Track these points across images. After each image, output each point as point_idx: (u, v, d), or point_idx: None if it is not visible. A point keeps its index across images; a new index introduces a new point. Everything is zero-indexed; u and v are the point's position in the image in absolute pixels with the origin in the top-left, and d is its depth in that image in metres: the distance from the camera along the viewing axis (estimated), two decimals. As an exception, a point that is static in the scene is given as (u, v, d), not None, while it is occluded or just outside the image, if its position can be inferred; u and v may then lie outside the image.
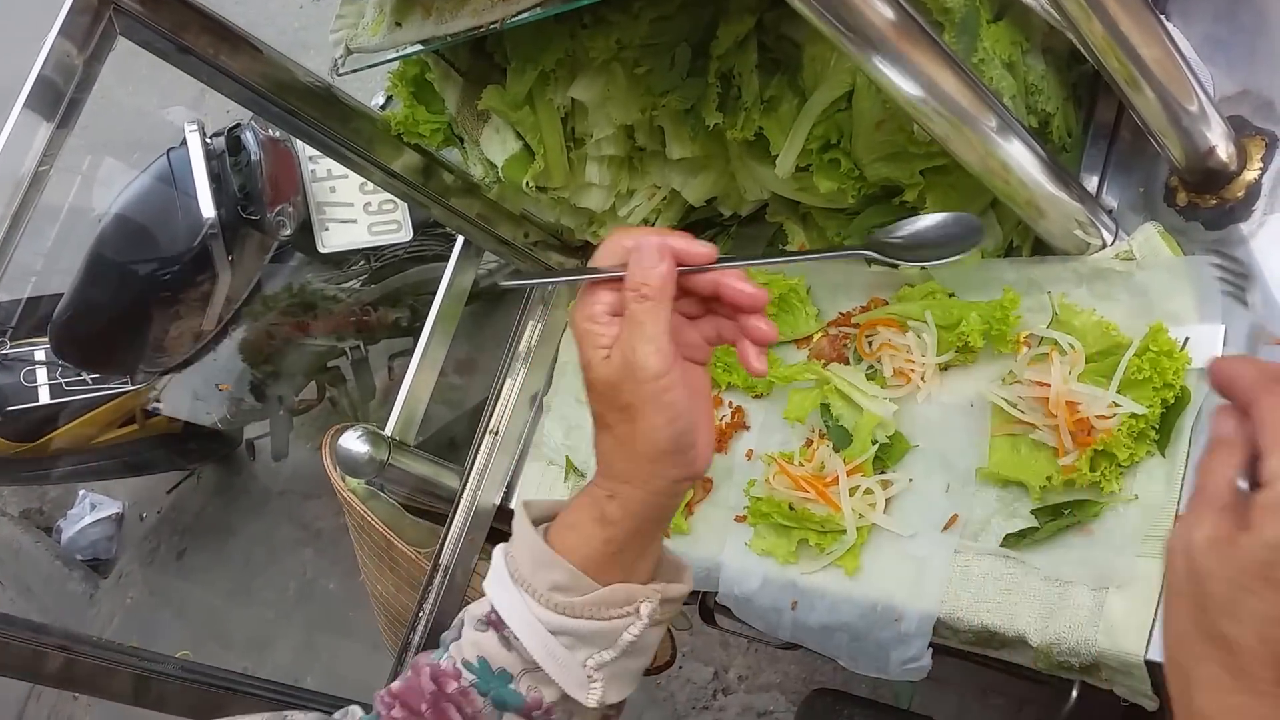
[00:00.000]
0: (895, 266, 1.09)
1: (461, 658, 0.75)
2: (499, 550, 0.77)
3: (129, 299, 2.59)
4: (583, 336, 0.72)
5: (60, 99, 0.92)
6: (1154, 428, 0.91)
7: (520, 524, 0.76)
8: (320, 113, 1.15)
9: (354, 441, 1.27)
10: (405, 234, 2.77)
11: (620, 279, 0.70)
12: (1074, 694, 0.98)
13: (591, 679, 0.72)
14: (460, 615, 0.79)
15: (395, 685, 0.78)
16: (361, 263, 3.05)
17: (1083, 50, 0.90)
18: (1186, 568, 0.55)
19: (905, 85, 0.81)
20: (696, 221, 1.40)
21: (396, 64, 1.24)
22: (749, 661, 2.61)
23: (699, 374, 0.76)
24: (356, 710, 0.80)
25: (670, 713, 2.69)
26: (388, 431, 1.37)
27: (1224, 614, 0.52)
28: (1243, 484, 0.54)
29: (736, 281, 0.72)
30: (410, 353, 1.45)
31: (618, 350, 0.70)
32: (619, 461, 0.72)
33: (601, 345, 0.71)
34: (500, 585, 0.74)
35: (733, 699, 2.63)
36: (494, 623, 0.74)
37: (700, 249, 0.71)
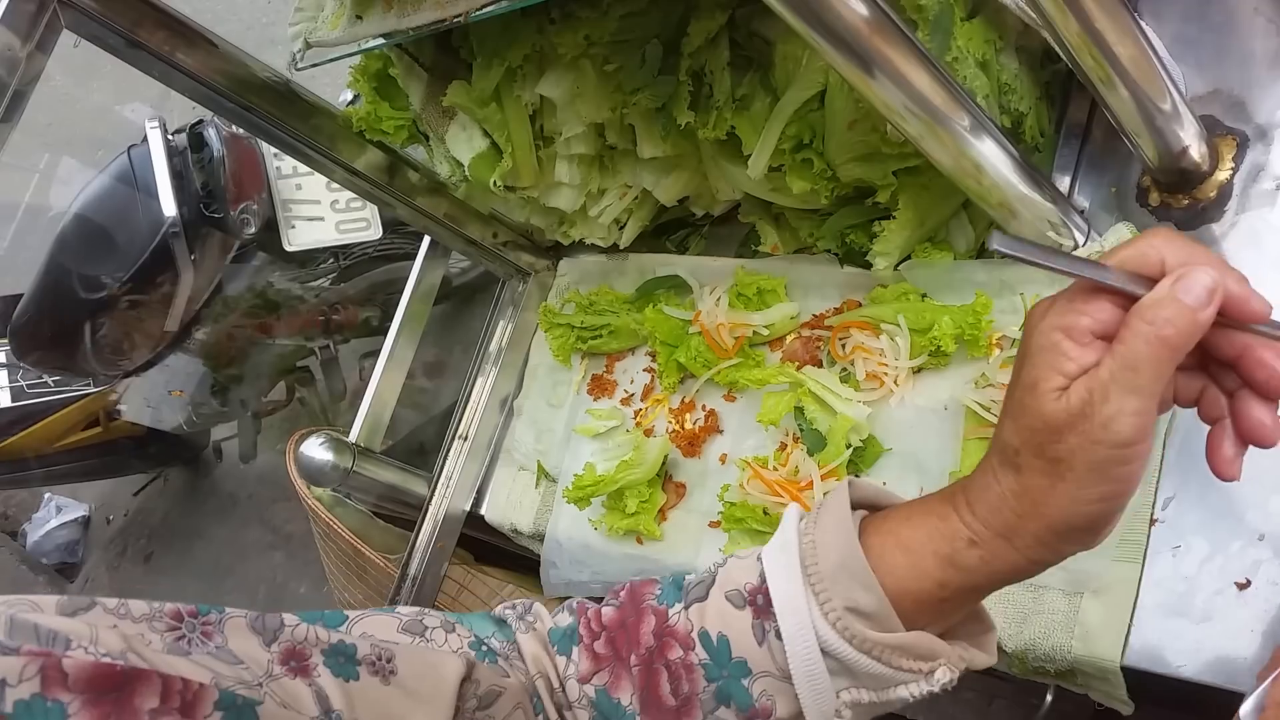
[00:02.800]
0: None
1: (701, 626, 0.64)
2: (793, 518, 0.64)
3: (90, 300, 2.53)
4: (1045, 349, 0.56)
5: (3, 92, 0.89)
6: (1128, 431, 0.90)
7: (839, 511, 0.62)
8: (279, 109, 1.12)
9: (317, 449, 1.24)
10: (374, 231, 2.73)
11: (1136, 297, 0.54)
12: (1048, 698, 0.98)
13: (839, 714, 0.61)
14: (713, 570, 0.67)
15: (606, 611, 0.68)
16: (330, 261, 3.01)
17: (1057, 49, 0.89)
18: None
19: (878, 84, 0.79)
20: (668, 221, 1.39)
21: (358, 59, 1.21)
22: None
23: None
24: (542, 613, 0.72)
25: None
26: (352, 437, 1.34)
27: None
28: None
29: (1273, 355, 0.55)
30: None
31: (1083, 387, 0.54)
32: (1009, 512, 0.57)
33: (1065, 371, 0.55)
34: (785, 571, 0.62)
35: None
36: (757, 606, 0.63)
37: (1258, 305, 0.55)
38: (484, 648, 0.67)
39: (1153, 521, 0.89)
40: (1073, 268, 0.55)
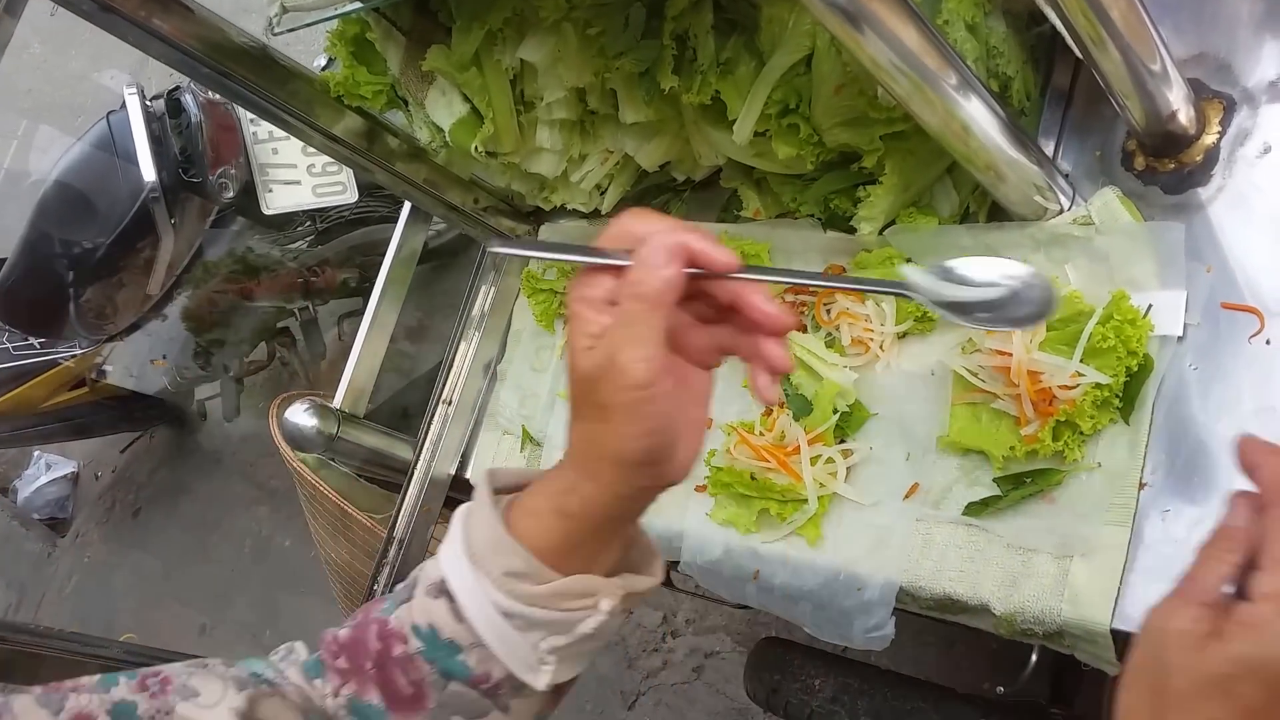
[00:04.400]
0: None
1: (411, 621, 0.68)
2: (459, 515, 0.68)
3: (72, 264, 2.46)
4: (573, 318, 0.63)
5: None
6: (1117, 396, 0.86)
7: (481, 499, 0.67)
8: (255, 74, 1.04)
9: (301, 415, 1.17)
10: (350, 195, 2.65)
11: (624, 268, 0.60)
12: (1033, 657, 0.94)
13: (544, 661, 0.66)
14: (415, 573, 0.71)
15: (343, 633, 0.70)
16: (307, 224, 2.92)
17: (1048, 8, 0.84)
18: (1155, 654, 0.54)
19: (869, 42, 0.73)
20: (649, 187, 1.32)
21: (335, 23, 1.13)
22: (696, 605, 2.58)
23: (701, 379, 0.66)
24: (300, 649, 0.73)
25: (621, 656, 2.66)
26: (336, 403, 1.27)
27: (1178, 712, 0.52)
28: (1229, 588, 0.52)
29: (759, 299, 0.63)
30: (360, 312, 1.36)
31: (604, 344, 0.60)
32: (585, 458, 0.64)
33: (590, 333, 0.61)
34: (455, 558, 0.67)
35: (681, 641, 2.61)
36: (447, 592, 0.67)
37: (722, 258, 0.61)
38: (261, 679, 0.68)
39: (1142, 485, 0.85)
40: (564, 253, 0.65)
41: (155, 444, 4.18)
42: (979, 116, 0.83)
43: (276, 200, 2.56)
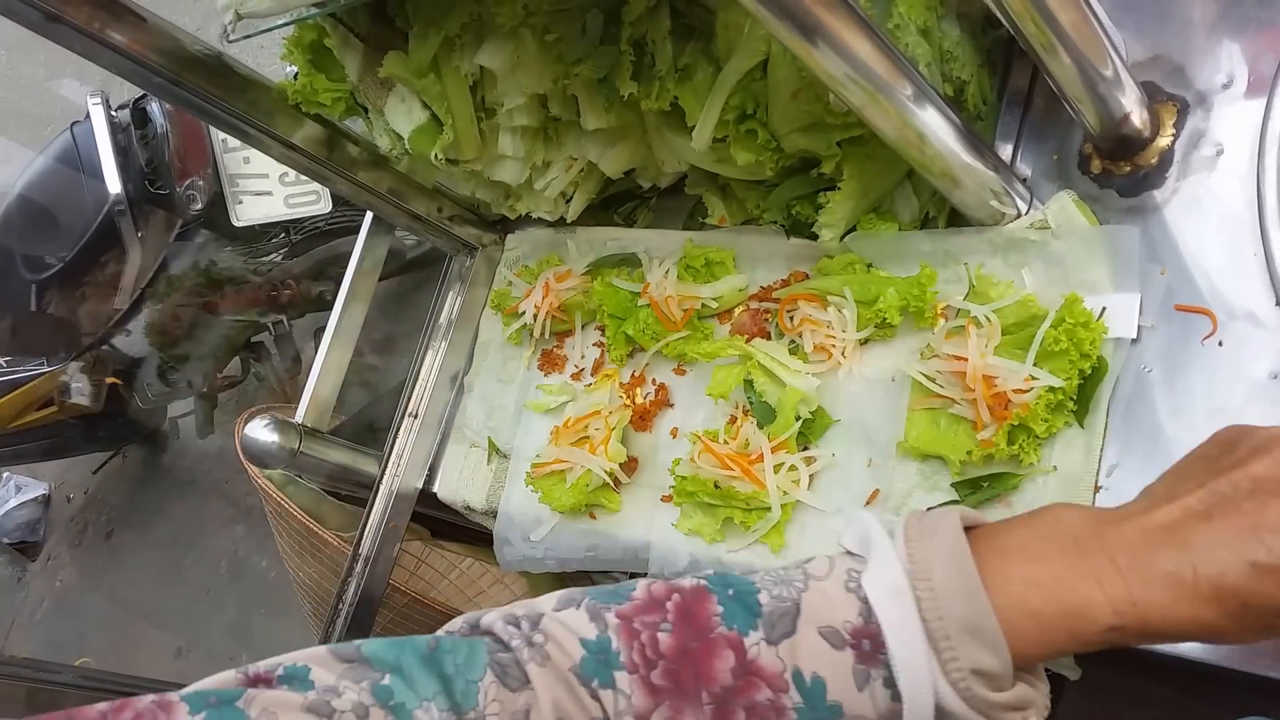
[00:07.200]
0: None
1: (794, 666, 0.57)
2: (888, 549, 0.60)
3: (35, 280, 2.47)
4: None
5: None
6: (1071, 399, 0.89)
7: (957, 555, 0.58)
8: (210, 83, 1.06)
9: (261, 431, 1.19)
10: (324, 205, 2.67)
11: None
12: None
13: None
14: (798, 599, 0.59)
15: (663, 639, 0.59)
16: (281, 236, 2.94)
17: (999, 14, 0.86)
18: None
19: (820, 53, 0.76)
20: (615, 194, 1.35)
21: (292, 29, 1.15)
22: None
23: None
24: (555, 630, 0.60)
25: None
26: (298, 418, 1.29)
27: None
28: None
29: None
30: (333, 326, 1.38)
31: None
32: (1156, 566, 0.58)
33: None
34: (902, 623, 0.57)
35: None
36: (862, 651, 0.57)
37: None
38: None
39: (1097, 489, 0.88)
40: None
41: (128, 464, 4.19)
42: (934, 124, 0.85)
43: (247, 212, 2.58)
